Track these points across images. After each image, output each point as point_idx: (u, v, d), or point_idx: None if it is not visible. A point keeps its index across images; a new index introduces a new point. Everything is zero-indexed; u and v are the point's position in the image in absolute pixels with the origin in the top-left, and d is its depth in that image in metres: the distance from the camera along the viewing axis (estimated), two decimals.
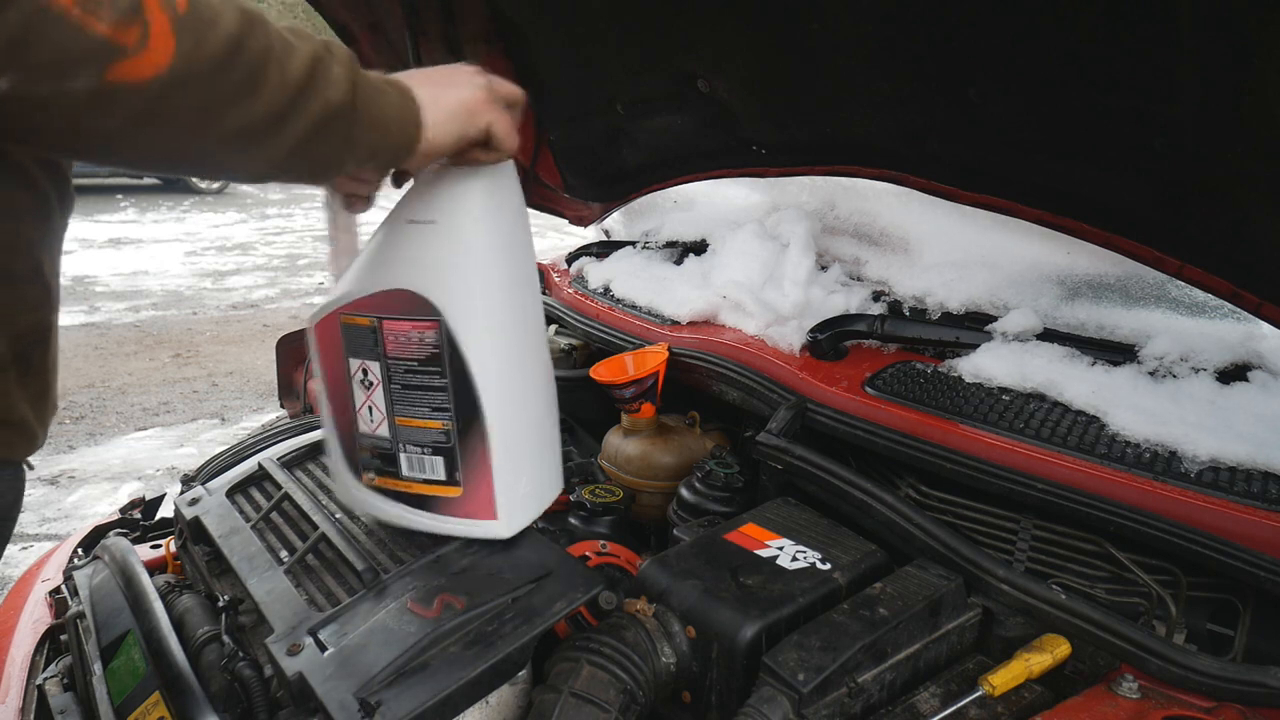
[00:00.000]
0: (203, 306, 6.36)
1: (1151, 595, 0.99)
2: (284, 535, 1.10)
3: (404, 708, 0.79)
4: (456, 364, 0.94)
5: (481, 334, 0.94)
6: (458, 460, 0.98)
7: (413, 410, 0.98)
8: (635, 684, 0.88)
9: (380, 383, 0.98)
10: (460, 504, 1.00)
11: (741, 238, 1.63)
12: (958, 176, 1.36)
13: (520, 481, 1.00)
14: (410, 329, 0.94)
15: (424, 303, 0.93)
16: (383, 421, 1.00)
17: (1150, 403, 1.08)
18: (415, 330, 0.94)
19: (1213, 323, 1.24)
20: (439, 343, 0.93)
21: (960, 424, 1.14)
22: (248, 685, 0.92)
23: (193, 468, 1.34)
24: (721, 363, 1.39)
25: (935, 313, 1.38)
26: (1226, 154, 1.01)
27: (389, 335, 0.95)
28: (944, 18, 1.15)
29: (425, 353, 0.94)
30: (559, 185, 2.10)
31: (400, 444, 0.99)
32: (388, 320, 0.95)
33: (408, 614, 0.89)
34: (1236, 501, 0.94)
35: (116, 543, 1.22)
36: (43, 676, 1.13)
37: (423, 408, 0.97)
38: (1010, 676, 0.87)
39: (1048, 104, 1.15)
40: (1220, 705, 0.83)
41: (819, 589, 0.96)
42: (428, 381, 0.95)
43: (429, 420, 0.97)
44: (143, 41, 0.57)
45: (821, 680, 0.84)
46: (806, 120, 1.51)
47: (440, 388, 0.95)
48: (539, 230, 2.16)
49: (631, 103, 1.75)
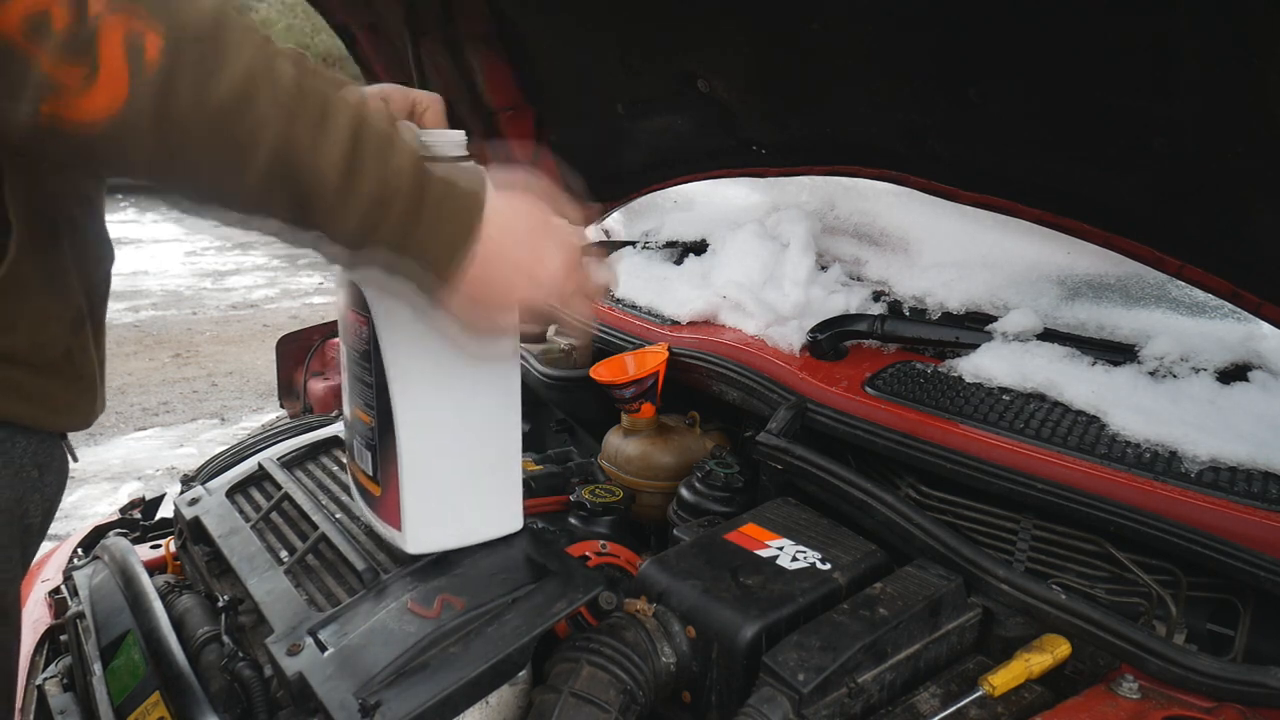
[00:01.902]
0: (202, 306, 6.36)
1: (1151, 595, 0.99)
2: (284, 535, 1.10)
3: (404, 708, 0.79)
4: (378, 366, 0.92)
5: (401, 344, 0.91)
6: (379, 459, 0.97)
7: (356, 400, 0.99)
8: (635, 684, 0.88)
9: (345, 367, 1.00)
10: (379, 504, 1.00)
11: (741, 238, 1.63)
12: (958, 176, 1.36)
13: (432, 503, 0.96)
14: (352, 319, 0.95)
15: (360, 296, 0.92)
16: (344, 404, 1.03)
17: (1150, 403, 1.08)
18: (355, 322, 0.94)
19: (1213, 323, 1.24)
20: (369, 339, 0.92)
21: (960, 424, 1.14)
22: (248, 685, 0.92)
23: (193, 468, 1.34)
24: (721, 363, 1.39)
25: (935, 313, 1.38)
26: (1226, 154, 1.01)
27: (346, 323, 0.97)
28: (944, 18, 1.15)
29: (361, 346, 0.94)
30: (559, 185, 2.10)
31: (352, 430, 1.02)
32: (348, 308, 0.96)
33: (408, 614, 0.89)
34: (1236, 501, 0.94)
35: (116, 543, 1.22)
36: (43, 676, 1.13)
37: (360, 399, 0.98)
38: (1010, 676, 0.87)
39: (1048, 104, 1.15)
40: (1220, 705, 0.83)
41: (819, 589, 0.96)
42: (363, 375, 0.95)
43: (364, 413, 0.97)
44: (88, 82, 0.54)
45: (821, 680, 0.84)
46: (806, 120, 1.51)
47: (369, 384, 0.95)
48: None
49: (631, 103, 1.75)
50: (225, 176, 0.61)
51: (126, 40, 0.54)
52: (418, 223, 0.71)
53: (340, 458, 1.27)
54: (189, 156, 0.59)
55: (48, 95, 0.54)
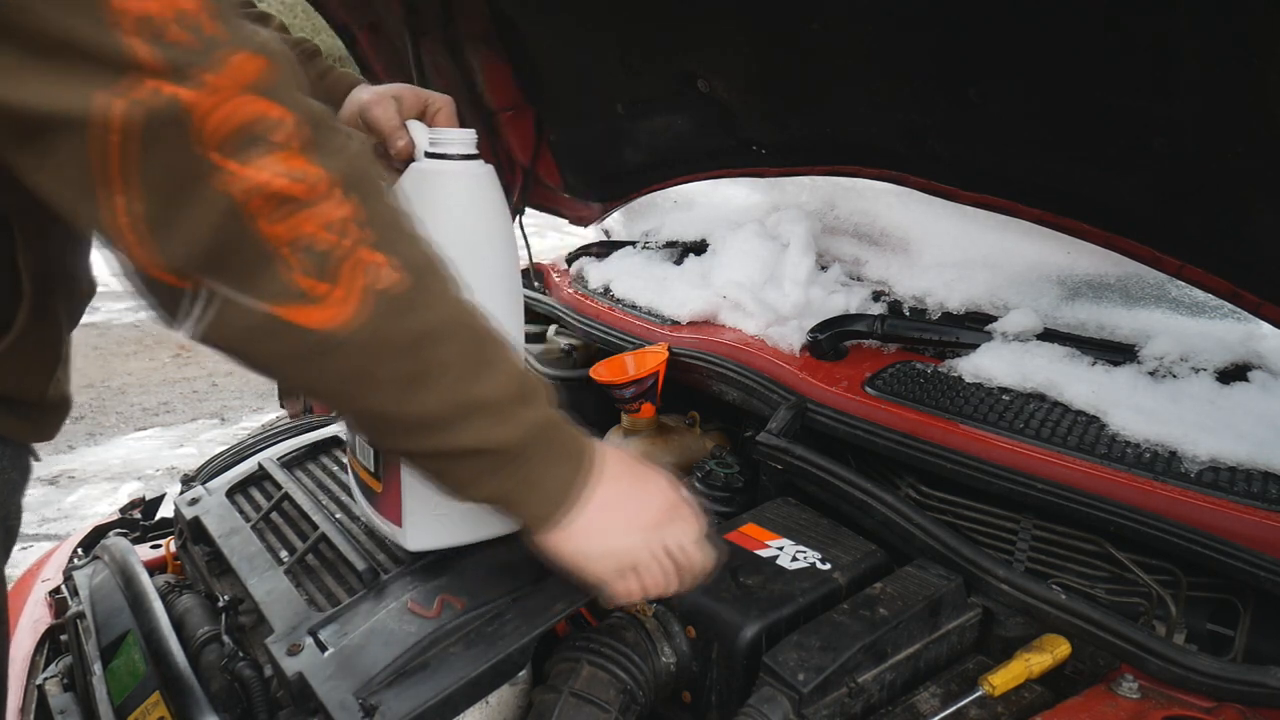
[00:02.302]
0: None
1: (1151, 595, 0.99)
2: (284, 535, 1.10)
3: (404, 708, 0.79)
4: None
5: None
6: (380, 456, 0.97)
7: None
8: (635, 684, 0.88)
9: None
10: (380, 500, 0.99)
11: (741, 238, 1.63)
12: (958, 176, 1.36)
13: (433, 500, 0.95)
14: None
15: None
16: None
17: (1150, 403, 1.08)
18: None
19: (1213, 323, 1.24)
20: None
21: (960, 424, 1.14)
22: (248, 685, 0.92)
23: (193, 468, 1.34)
24: (721, 363, 1.39)
25: (935, 313, 1.38)
26: (1226, 154, 1.01)
27: None
28: (944, 17, 1.15)
29: None
30: (559, 185, 2.10)
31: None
32: None
33: (408, 614, 0.89)
34: (1236, 501, 0.94)
35: (116, 543, 1.22)
36: (43, 676, 1.13)
37: None
38: (1010, 676, 0.87)
39: (1048, 104, 1.15)
40: (1220, 705, 0.83)
41: (819, 589, 0.96)
42: None
43: None
44: (325, 296, 0.60)
45: (821, 680, 0.84)
46: (806, 120, 1.51)
47: None
48: (539, 230, 2.16)
49: (631, 103, 1.75)
50: (404, 397, 0.67)
51: (367, 269, 0.61)
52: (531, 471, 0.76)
53: (340, 458, 1.27)
54: (379, 374, 0.65)
55: (286, 300, 0.59)
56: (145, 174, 0.53)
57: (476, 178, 0.94)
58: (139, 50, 0.51)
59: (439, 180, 0.93)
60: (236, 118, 0.55)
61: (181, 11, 0.52)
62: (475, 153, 0.94)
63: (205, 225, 0.55)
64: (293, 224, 0.58)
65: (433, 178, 0.93)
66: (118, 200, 0.54)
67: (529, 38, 1.76)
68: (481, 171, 0.94)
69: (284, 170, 0.57)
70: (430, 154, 0.94)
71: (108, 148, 0.52)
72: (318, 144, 0.59)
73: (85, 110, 0.51)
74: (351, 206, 0.60)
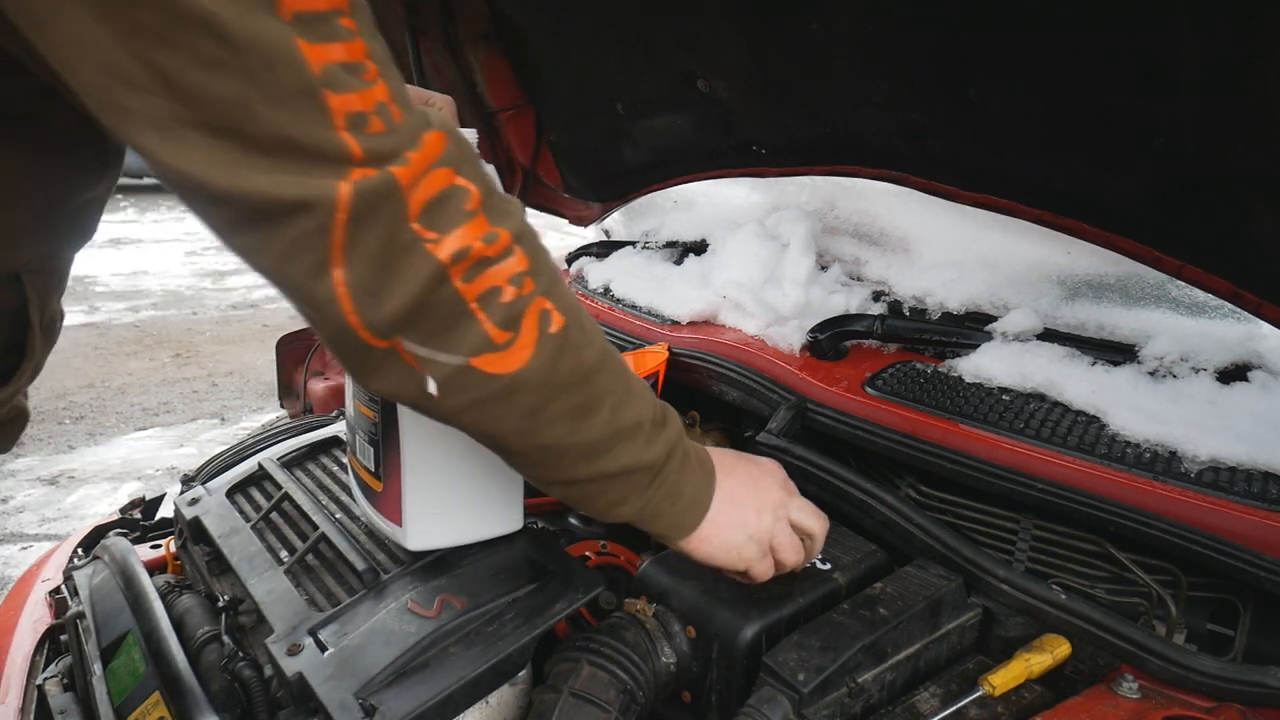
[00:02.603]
0: (203, 306, 6.37)
1: (1151, 595, 0.99)
2: (284, 535, 1.10)
3: (404, 708, 0.79)
4: None
5: None
6: (381, 455, 0.97)
7: (359, 395, 0.99)
8: (635, 684, 0.88)
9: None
10: (380, 499, 1.00)
11: (741, 238, 1.63)
12: (958, 176, 1.36)
13: (433, 500, 0.97)
14: None
15: None
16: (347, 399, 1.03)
17: (1150, 403, 1.08)
18: None
19: (1213, 323, 1.24)
20: None
21: (960, 424, 1.14)
22: (248, 685, 0.92)
23: (193, 468, 1.34)
24: (721, 363, 1.39)
25: (935, 313, 1.38)
26: (1226, 154, 1.00)
27: None
28: (944, 17, 1.15)
29: None
30: (559, 185, 2.10)
31: (355, 425, 1.02)
32: None
33: (408, 614, 0.89)
34: (1236, 501, 0.94)
35: (116, 543, 1.22)
36: (43, 676, 1.13)
37: (363, 394, 0.98)
38: (1010, 676, 0.87)
39: (1047, 104, 1.15)
40: (1220, 705, 0.83)
41: (819, 589, 0.96)
42: None
43: (367, 408, 0.97)
44: (510, 343, 0.66)
45: (821, 680, 0.84)
46: (806, 120, 1.51)
47: None
48: (538, 230, 2.17)
49: (631, 103, 1.75)
50: (574, 427, 0.73)
51: (541, 315, 0.68)
52: (659, 494, 0.82)
53: (340, 458, 1.27)
54: (552, 409, 0.71)
55: (479, 351, 0.65)
56: (362, 248, 0.59)
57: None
58: (351, 142, 0.57)
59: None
60: (434, 189, 0.61)
61: (380, 104, 0.59)
62: (476, 152, 0.94)
63: (413, 288, 0.61)
64: (482, 281, 0.64)
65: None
66: (337, 273, 0.60)
67: (529, 37, 1.76)
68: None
69: (477, 234, 0.63)
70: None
71: (333, 227, 0.58)
72: (494, 206, 0.65)
73: (316, 198, 0.57)
74: (526, 260, 0.67)
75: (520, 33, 1.76)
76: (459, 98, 1.84)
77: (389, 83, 0.60)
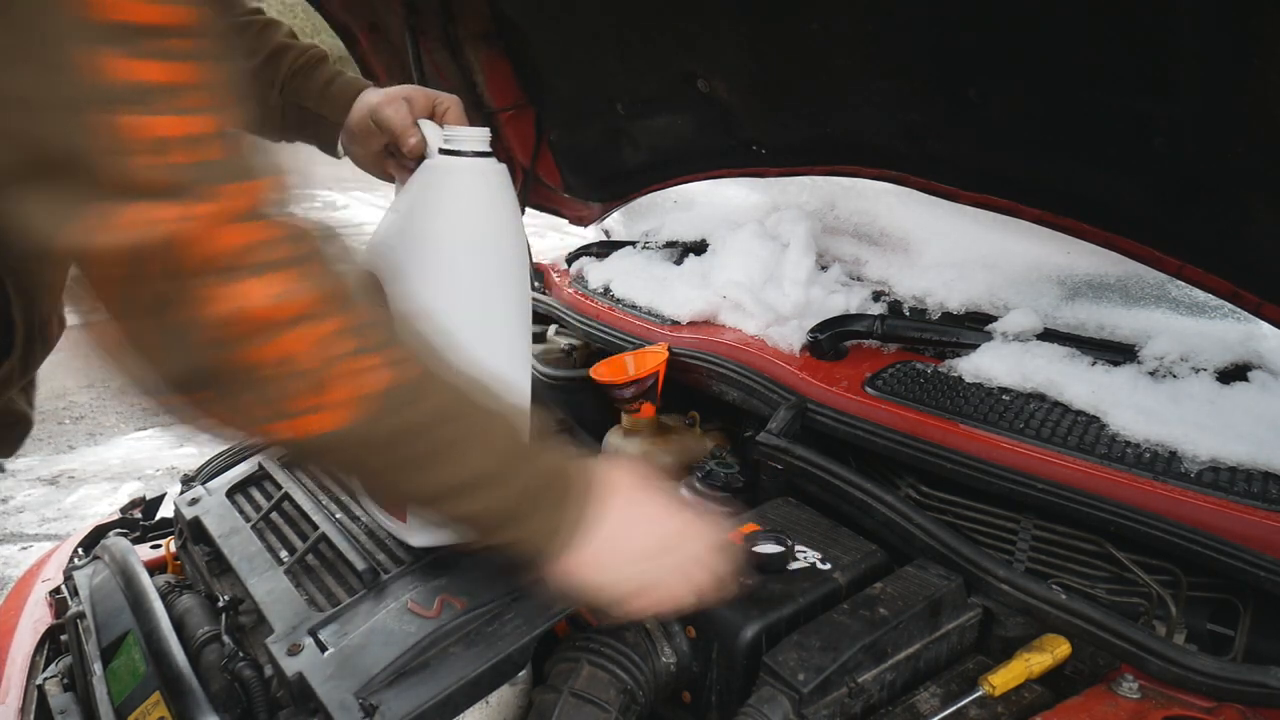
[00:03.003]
0: None
1: (1151, 595, 0.99)
2: (284, 535, 1.10)
3: (404, 708, 0.79)
4: None
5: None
6: None
7: None
8: (635, 684, 0.88)
9: None
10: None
11: (741, 238, 1.63)
12: (958, 176, 1.36)
13: None
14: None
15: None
16: None
17: (1150, 403, 1.08)
18: None
19: (1213, 323, 1.24)
20: None
21: (960, 424, 1.14)
22: (248, 685, 0.92)
23: (193, 468, 1.34)
24: (721, 363, 1.39)
25: (935, 313, 1.38)
26: (1226, 154, 1.00)
27: None
28: (944, 17, 1.15)
29: None
30: (559, 185, 2.10)
31: None
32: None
33: (408, 614, 0.89)
34: (1236, 501, 0.94)
35: (116, 543, 1.22)
36: (43, 676, 1.13)
37: None
38: (1010, 676, 0.87)
39: (1047, 104, 1.14)
40: (1220, 705, 0.83)
41: (819, 589, 0.96)
42: None
43: None
44: (317, 408, 0.62)
45: (821, 680, 0.84)
46: (806, 120, 1.51)
47: None
48: (538, 230, 2.16)
49: (631, 103, 1.75)
50: (407, 478, 0.71)
51: (357, 375, 0.63)
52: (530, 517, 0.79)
53: None
54: (377, 464, 0.70)
55: (273, 421, 0.62)
56: (135, 299, 0.55)
57: (490, 174, 0.95)
58: (144, 168, 0.51)
59: (453, 177, 0.93)
60: (239, 240, 0.56)
61: (195, 136, 0.53)
62: (489, 150, 0.95)
63: (192, 350, 0.57)
64: (278, 346, 0.59)
65: (447, 174, 0.93)
66: (117, 323, 0.57)
67: (529, 37, 1.76)
68: (495, 169, 0.95)
69: (270, 293, 0.57)
70: (444, 151, 0.95)
71: (106, 274, 0.54)
72: (302, 260, 0.60)
73: (80, 241, 0.52)
74: (340, 319, 0.62)
75: (520, 33, 1.76)
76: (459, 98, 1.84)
77: (219, 117, 0.54)
